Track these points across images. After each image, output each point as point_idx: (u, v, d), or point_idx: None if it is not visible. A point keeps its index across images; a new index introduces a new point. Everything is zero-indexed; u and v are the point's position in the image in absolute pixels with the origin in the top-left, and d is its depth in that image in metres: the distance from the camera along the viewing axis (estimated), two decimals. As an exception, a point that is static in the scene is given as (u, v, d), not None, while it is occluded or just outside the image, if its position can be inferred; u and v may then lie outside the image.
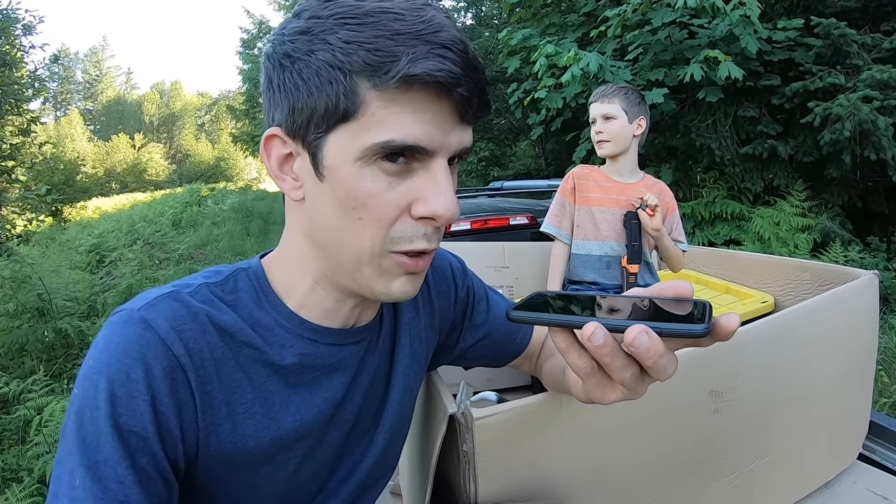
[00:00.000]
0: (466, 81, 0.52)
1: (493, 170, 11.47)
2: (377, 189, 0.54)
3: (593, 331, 0.45)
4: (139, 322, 0.54)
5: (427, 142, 0.53)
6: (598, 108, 1.80)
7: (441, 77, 0.50)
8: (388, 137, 0.51)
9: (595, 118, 1.81)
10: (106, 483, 0.49)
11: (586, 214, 1.85)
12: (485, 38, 11.03)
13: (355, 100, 0.51)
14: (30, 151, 7.90)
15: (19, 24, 7.02)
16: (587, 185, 1.87)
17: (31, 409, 3.20)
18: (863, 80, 5.03)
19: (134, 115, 50.73)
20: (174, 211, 14.45)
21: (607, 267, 1.81)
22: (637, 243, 1.76)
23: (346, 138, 0.53)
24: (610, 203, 1.82)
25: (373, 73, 0.50)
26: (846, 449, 1.21)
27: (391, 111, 0.51)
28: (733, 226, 6.28)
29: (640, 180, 1.86)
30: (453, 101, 0.53)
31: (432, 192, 0.55)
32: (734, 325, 0.43)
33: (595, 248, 1.82)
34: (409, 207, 0.55)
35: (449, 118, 0.54)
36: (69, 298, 5.65)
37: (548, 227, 1.93)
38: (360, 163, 0.53)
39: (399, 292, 0.60)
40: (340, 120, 0.52)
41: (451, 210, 0.55)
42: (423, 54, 0.49)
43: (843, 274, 1.35)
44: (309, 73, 0.52)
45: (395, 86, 0.50)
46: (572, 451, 0.82)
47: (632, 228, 1.76)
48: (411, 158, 0.54)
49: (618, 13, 5.67)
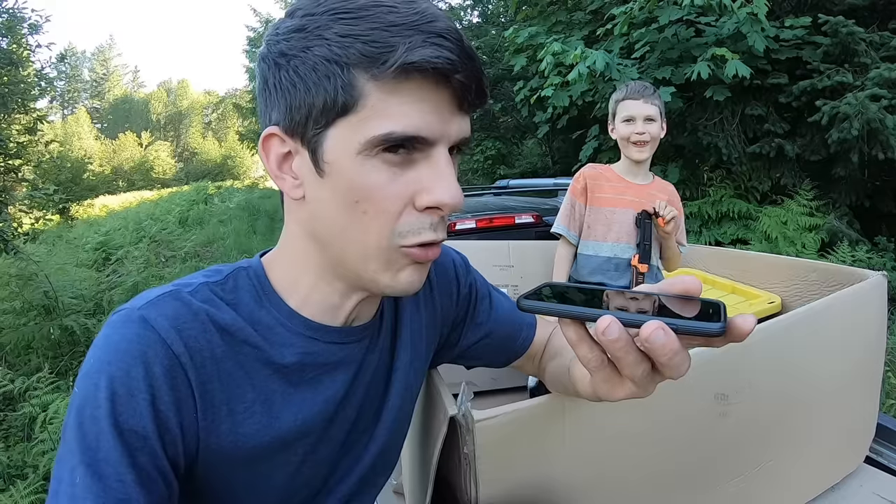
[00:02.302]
0: (464, 68, 0.52)
1: (500, 168, 11.43)
2: (380, 181, 0.54)
3: (608, 324, 0.44)
4: (139, 321, 0.54)
5: (428, 131, 0.53)
6: (642, 108, 1.73)
7: (439, 63, 0.50)
8: (388, 129, 0.52)
9: (634, 117, 1.74)
10: (106, 481, 0.49)
11: (598, 215, 1.82)
12: (491, 36, 10.98)
13: (354, 93, 0.51)
14: (37, 150, 7.96)
15: (26, 24, 7.06)
16: (600, 185, 1.84)
17: (37, 406, 3.23)
18: (871, 78, 4.99)
19: (141, 113, 50.89)
20: (181, 209, 14.50)
21: (616, 269, 1.79)
22: (648, 243, 1.74)
23: (347, 132, 0.53)
24: (624, 203, 1.79)
25: (370, 64, 0.50)
26: (853, 452, 1.20)
27: (390, 102, 0.51)
28: (740, 225, 6.26)
29: (652, 182, 1.84)
30: (451, 89, 0.53)
31: (435, 181, 0.55)
32: (750, 326, 0.43)
33: (605, 248, 1.80)
34: (412, 199, 0.55)
35: (448, 106, 0.54)
36: (75, 296, 5.69)
37: (559, 227, 1.90)
38: (361, 156, 0.53)
39: (406, 283, 0.60)
40: (339, 114, 0.52)
41: (456, 198, 0.55)
42: (420, 43, 0.50)
43: (852, 275, 1.33)
44: (305, 69, 0.52)
45: (393, 75, 0.50)
46: (574, 454, 0.81)
47: (645, 228, 1.75)
48: (412, 149, 0.54)
49: (624, 11, 5.65)
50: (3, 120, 6.69)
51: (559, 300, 0.49)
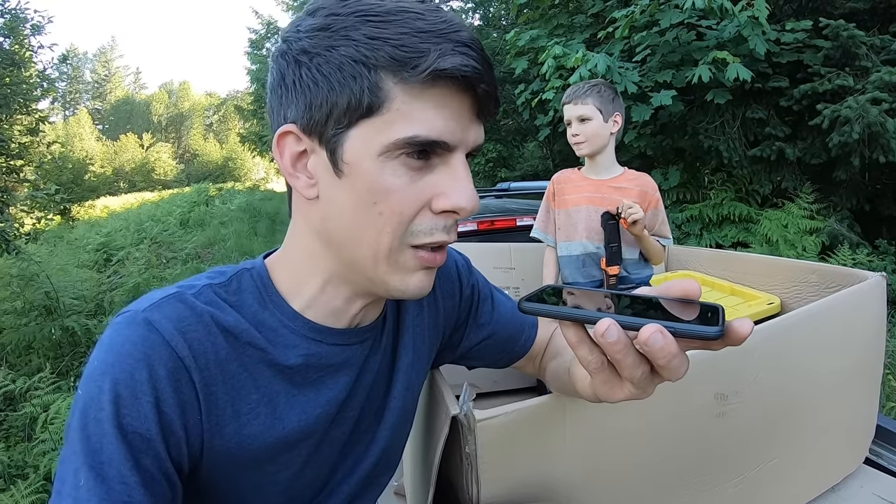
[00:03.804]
0: (487, 78, 0.54)
1: (501, 171, 11.44)
2: (399, 184, 0.54)
3: (607, 327, 0.45)
4: (143, 323, 0.54)
5: (449, 137, 0.54)
6: (572, 109, 1.76)
7: (468, 72, 0.52)
8: (413, 133, 0.52)
9: (570, 120, 1.78)
10: (110, 483, 0.49)
11: (564, 216, 1.85)
12: (492, 39, 10.99)
13: (380, 94, 0.52)
14: (38, 151, 7.96)
15: (28, 24, 7.07)
16: (564, 187, 1.87)
17: (38, 407, 3.23)
18: (872, 82, 5.00)
19: (142, 114, 50.94)
20: (182, 210, 14.52)
21: (583, 265, 1.79)
22: (615, 245, 1.72)
23: (369, 133, 0.53)
24: (584, 201, 1.80)
25: (399, 67, 0.51)
26: (852, 453, 1.20)
27: (416, 106, 0.52)
28: (741, 228, 6.26)
29: (620, 175, 1.82)
30: (474, 97, 0.55)
31: (454, 185, 0.56)
32: (747, 330, 0.43)
33: (574, 247, 1.81)
34: (429, 202, 0.56)
35: (468, 114, 0.56)
36: (76, 296, 5.70)
37: (535, 232, 1.95)
38: (382, 157, 0.54)
39: (416, 288, 0.60)
40: (363, 115, 0.53)
41: (473, 202, 0.56)
42: (449, 51, 0.51)
43: (851, 276, 1.33)
44: (329, 68, 0.53)
45: (422, 80, 0.51)
46: (575, 454, 0.82)
47: (609, 230, 1.72)
48: (432, 154, 0.55)
49: (625, 14, 5.65)
50: (5, 121, 6.69)
51: (560, 302, 0.50)
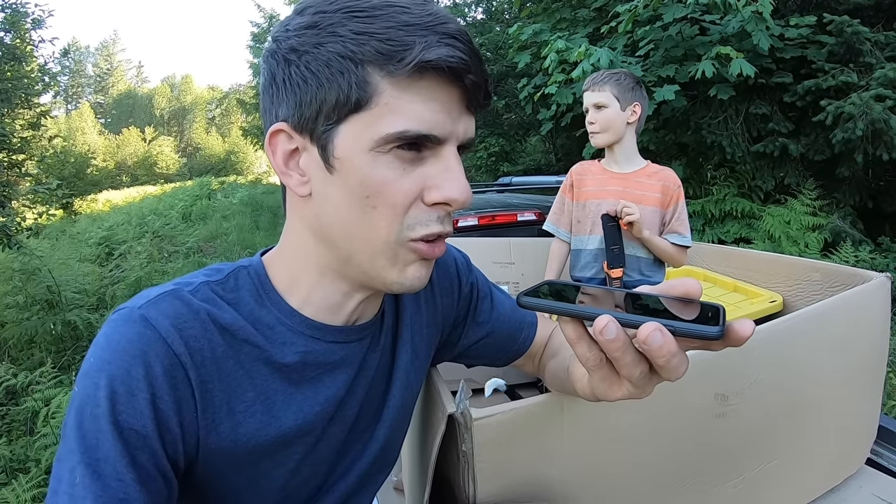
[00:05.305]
0: (475, 69, 0.54)
1: (503, 165, 11.42)
2: (392, 177, 0.55)
3: (606, 324, 0.44)
4: (140, 320, 0.54)
5: (439, 130, 0.54)
6: (589, 96, 1.74)
7: (454, 63, 0.52)
8: (403, 127, 0.53)
9: (587, 107, 1.75)
10: (106, 481, 0.49)
11: (581, 209, 1.81)
12: (495, 33, 10.97)
13: (368, 89, 0.52)
14: (40, 145, 7.97)
15: (29, 18, 7.07)
16: (584, 179, 1.83)
17: (39, 401, 3.24)
18: (876, 78, 4.98)
19: (144, 108, 50.89)
20: (184, 204, 14.52)
21: (596, 260, 1.76)
22: (617, 247, 1.69)
23: (359, 128, 0.53)
24: (604, 195, 1.76)
25: (386, 61, 0.51)
26: (854, 454, 1.19)
27: (404, 100, 0.52)
28: (743, 224, 6.25)
29: (642, 168, 1.78)
30: (462, 89, 0.55)
31: (445, 177, 0.56)
32: (748, 331, 0.43)
33: (591, 242, 1.78)
34: (421, 195, 0.56)
35: (457, 106, 0.56)
36: (78, 291, 5.71)
37: (548, 224, 1.94)
38: (373, 152, 0.54)
39: (413, 279, 0.60)
40: (352, 110, 0.53)
41: (465, 194, 0.57)
42: (435, 42, 0.51)
43: (855, 276, 1.32)
44: (318, 65, 0.53)
45: (408, 73, 0.51)
46: (572, 453, 0.81)
47: (608, 232, 1.69)
48: (423, 147, 0.55)
49: (629, 8, 5.64)
50: (6, 115, 6.70)
51: (558, 298, 0.49)
